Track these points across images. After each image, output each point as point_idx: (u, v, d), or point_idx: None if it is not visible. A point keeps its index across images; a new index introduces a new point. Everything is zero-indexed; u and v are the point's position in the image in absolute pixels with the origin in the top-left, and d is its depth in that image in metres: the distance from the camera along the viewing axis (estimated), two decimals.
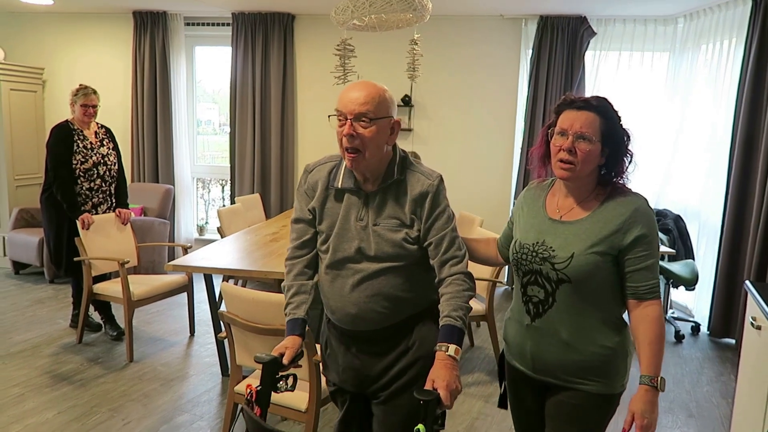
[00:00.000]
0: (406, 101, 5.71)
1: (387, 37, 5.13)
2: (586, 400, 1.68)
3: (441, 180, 1.77)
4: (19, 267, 5.79)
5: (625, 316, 1.71)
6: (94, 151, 4.16)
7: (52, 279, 5.55)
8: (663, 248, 4.49)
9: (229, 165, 6.16)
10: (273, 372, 1.64)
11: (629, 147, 1.67)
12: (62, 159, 4.03)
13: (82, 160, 4.09)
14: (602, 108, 1.65)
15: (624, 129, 1.67)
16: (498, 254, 2.00)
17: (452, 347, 1.61)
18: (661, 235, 4.82)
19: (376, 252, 1.73)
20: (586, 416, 1.70)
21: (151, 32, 6.01)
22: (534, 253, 1.71)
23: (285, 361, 1.68)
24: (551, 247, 1.69)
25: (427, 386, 1.54)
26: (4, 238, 5.87)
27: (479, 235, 4.02)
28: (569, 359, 1.68)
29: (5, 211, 5.89)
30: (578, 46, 5.32)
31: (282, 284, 1.87)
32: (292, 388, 1.65)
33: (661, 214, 4.99)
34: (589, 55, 5.39)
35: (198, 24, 6.15)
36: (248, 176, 6.07)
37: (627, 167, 1.68)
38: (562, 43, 5.34)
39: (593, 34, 5.32)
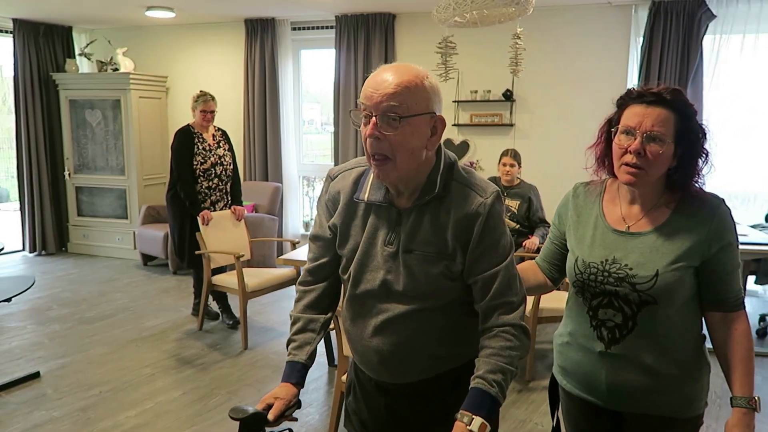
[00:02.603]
0: (508, 96, 5.62)
1: (488, 32, 5.07)
2: (674, 428, 1.54)
3: (498, 197, 1.36)
4: (147, 259, 6.36)
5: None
6: (212, 153, 4.48)
7: (175, 270, 6.05)
8: None
9: (332, 164, 6.39)
10: (255, 430, 1.31)
11: (705, 146, 1.47)
12: (185, 160, 4.38)
13: (202, 161, 4.42)
14: (678, 103, 1.43)
15: (699, 125, 1.48)
16: (546, 279, 1.73)
17: (477, 420, 1.22)
18: None
19: (405, 288, 1.35)
20: None
21: (261, 38, 6.35)
22: (605, 273, 1.50)
23: (271, 416, 1.33)
24: (627, 265, 1.48)
25: None
26: (134, 232, 6.47)
27: None
28: (653, 387, 1.50)
29: (135, 208, 6.49)
30: (695, 31, 4.97)
31: (289, 312, 1.57)
32: None
33: None
34: (707, 41, 5.02)
35: (304, 28, 6.42)
36: None
37: (701, 169, 1.48)
38: (677, 28, 5.01)
39: (713, 17, 4.95)
